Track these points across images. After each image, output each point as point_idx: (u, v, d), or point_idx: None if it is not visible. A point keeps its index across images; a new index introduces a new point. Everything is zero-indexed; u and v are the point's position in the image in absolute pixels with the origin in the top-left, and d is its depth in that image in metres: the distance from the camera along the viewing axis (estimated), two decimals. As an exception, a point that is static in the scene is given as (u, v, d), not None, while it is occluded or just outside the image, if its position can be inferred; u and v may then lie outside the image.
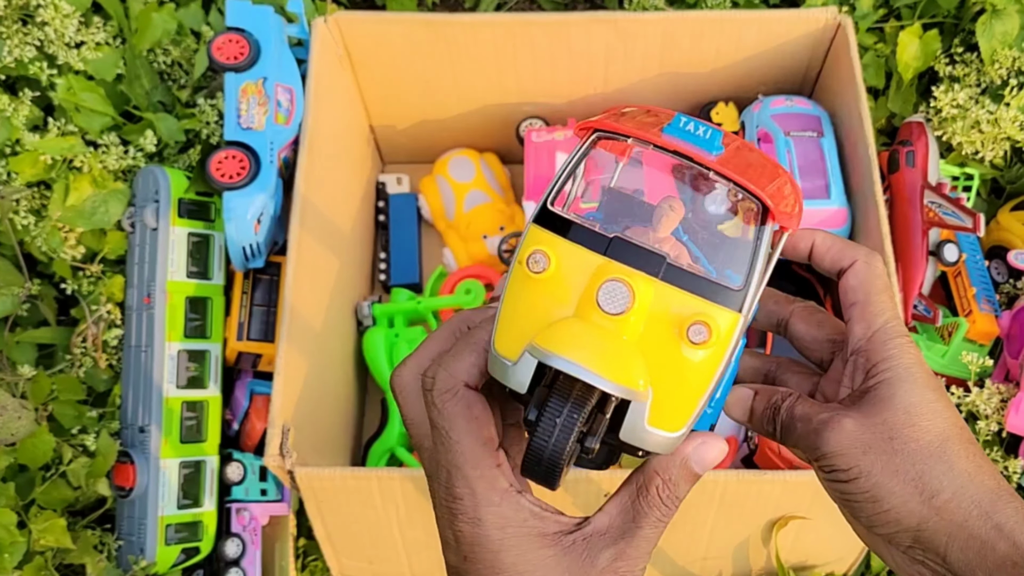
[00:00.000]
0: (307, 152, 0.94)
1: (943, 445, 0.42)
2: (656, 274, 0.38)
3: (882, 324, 0.45)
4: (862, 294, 0.46)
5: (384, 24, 1.02)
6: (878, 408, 0.43)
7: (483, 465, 0.41)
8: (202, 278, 0.99)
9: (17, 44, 1.01)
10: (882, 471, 0.42)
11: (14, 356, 0.96)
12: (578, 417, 0.37)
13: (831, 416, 0.44)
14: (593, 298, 0.38)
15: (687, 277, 0.38)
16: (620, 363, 0.37)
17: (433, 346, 0.45)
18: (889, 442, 0.42)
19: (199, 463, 0.96)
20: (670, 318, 0.38)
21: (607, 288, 0.38)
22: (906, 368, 0.44)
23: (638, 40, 1.02)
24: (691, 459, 0.42)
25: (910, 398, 0.43)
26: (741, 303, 0.38)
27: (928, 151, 1.01)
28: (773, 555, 0.92)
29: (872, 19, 1.08)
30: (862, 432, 0.43)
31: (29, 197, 0.98)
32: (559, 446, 0.37)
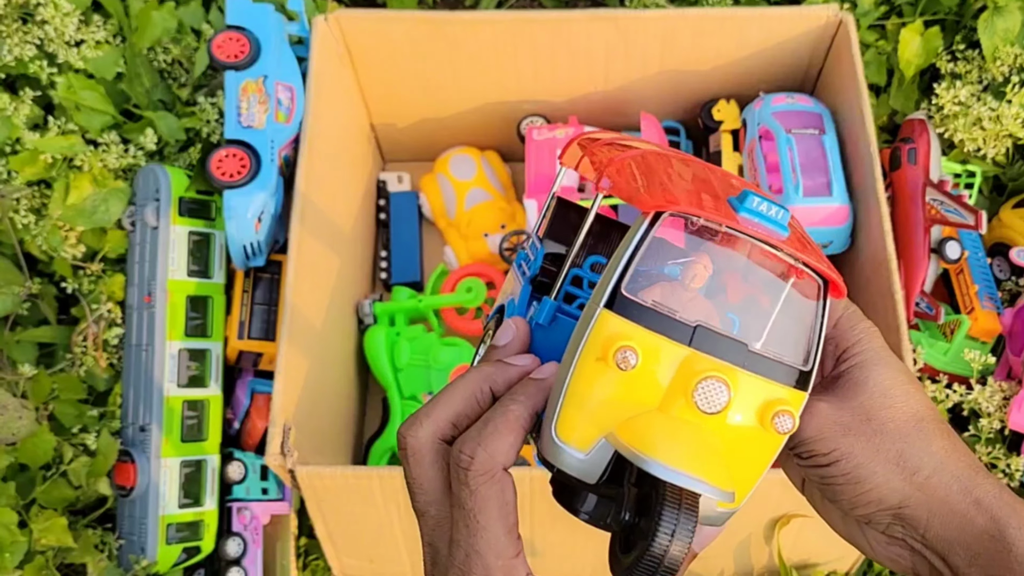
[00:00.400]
0: (308, 150, 0.94)
1: (919, 424, 0.43)
2: (741, 363, 0.38)
3: (843, 311, 0.46)
4: None
5: (385, 22, 1.02)
6: (853, 391, 0.43)
7: (506, 555, 0.40)
8: (203, 277, 0.98)
9: (17, 43, 1.01)
10: (863, 451, 0.42)
11: (14, 355, 0.95)
12: (693, 527, 0.37)
13: (806, 403, 0.43)
14: (689, 396, 0.37)
15: (766, 363, 0.38)
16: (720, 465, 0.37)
17: (450, 407, 0.42)
18: (867, 423, 0.43)
19: (200, 462, 0.95)
20: (755, 408, 0.38)
21: (705, 387, 0.37)
22: (876, 352, 0.44)
23: (639, 38, 1.02)
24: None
25: (884, 380, 0.43)
26: (809, 382, 0.39)
27: (930, 148, 1.00)
28: (775, 553, 0.92)
29: (873, 16, 1.08)
30: (840, 415, 0.43)
31: (29, 196, 0.98)
32: (675, 560, 0.36)
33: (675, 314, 0.37)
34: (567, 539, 0.91)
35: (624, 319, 0.37)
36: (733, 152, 1.04)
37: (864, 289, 0.94)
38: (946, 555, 0.42)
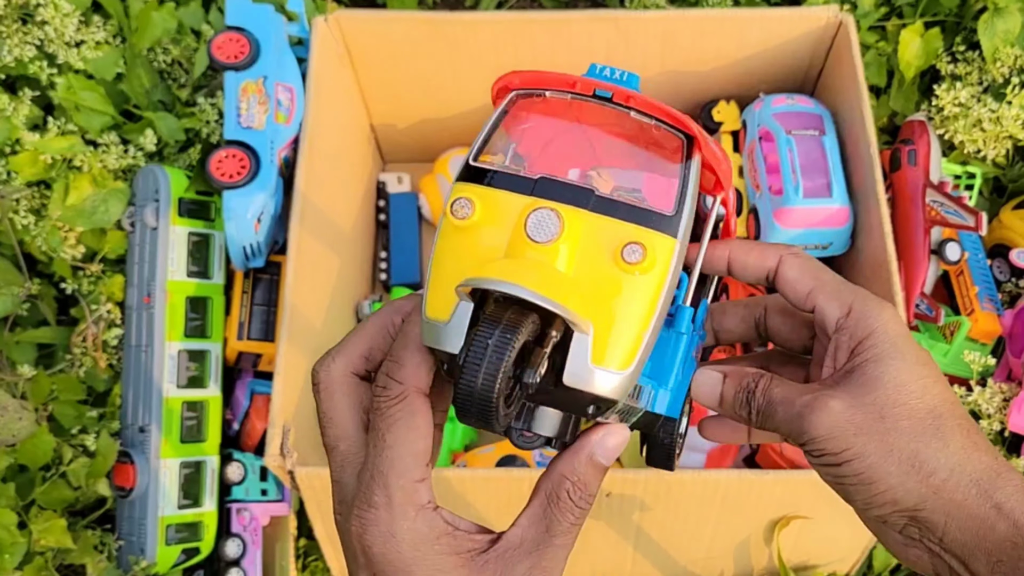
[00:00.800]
0: (307, 151, 0.93)
1: (936, 421, 0.41)
2: (586, 206, 0.37)
3: (855, 298, 0.44)
4: (810, 278, 0.45)
5: (385, 22, 1.02)
6: (866, 387, 0.42)
7: (408, 476, 0.39)
8: (202, 277, 0.98)
9: (17, 43, 1.00)
10: (876, 451, 0.41)
11: (14, 356, 0.95)
12: (511, 339, 0.34)
13: (815, 397, 0.42)
14: (522, 230, 0.37)
15: (619, 206, 0.37)
16: (556, 287, 0.35)
17: (362, 341, 0.43)
18: (880, 421, 0.41)
19: (199, 463, 0.95)
20: (604, 245, 0.37)
21: (535, 217, 0.37)
22: (892, 342, 0.42)
23: (639, 38, 1.02)
24: (596, 453, 0.41)
25: (899, 374, 0.42)
26: (676, 228, 0.37)
27: (930, 150, 1.00)
28: (775, 555, 0.92)
29: (874, 17, 1.08)
30: (851, 412, 0.41)
31: (29, 196, 0.98)
32: (491, 372, 0.33)
33: (517, 171, 0.38)
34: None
35: (471, 184, 0.38)
36: (733, 153, 1.04)
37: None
38: (966, 560, 0.41)
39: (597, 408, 0.38)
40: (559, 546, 0.41)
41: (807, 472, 0.79)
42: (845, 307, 0.44)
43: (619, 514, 0.86)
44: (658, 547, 0.92)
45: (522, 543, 0.40)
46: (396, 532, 0.39)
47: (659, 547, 0.92)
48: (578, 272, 0.37)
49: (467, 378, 0.34)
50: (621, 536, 0.90)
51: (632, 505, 0.85)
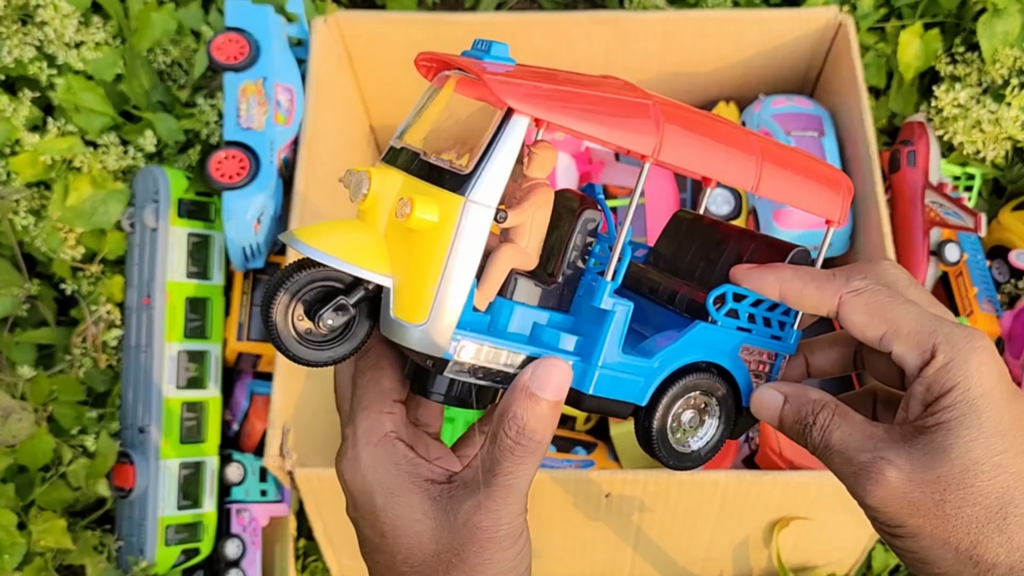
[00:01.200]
0: (307, 152, 0.93)
1: (1003, 510, 0.38)
2: (407, 169, 0.41)
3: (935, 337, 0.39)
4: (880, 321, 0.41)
5: (384, 24, 1.02)
6: (932, 458, 0.38)
7: (373, 408, 0.42)
8: (202, 278, 0.98)
9: (17, 44, 1.00)
10: (932, 535, 0.38)
11: (14, 357, 0.95)
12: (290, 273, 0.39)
13: (873, 461, 0.39)
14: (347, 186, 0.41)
15: (428, 168, 0.40)
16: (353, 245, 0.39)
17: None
18: (941, 505, 0.38)
19: (199, 464, 0.95)
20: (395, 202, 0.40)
21: (354, 179, 0.41)
22: (973, 404, 0.38)
23: (638, 40, 1.02)
24: (530, 385, 0.40)
25: (973, 450, 0.38)
26: (466, 186, 0.39)
27: (929, 151, 1.00)
28: (774, 556, 0.92)
29: (873, 18, 1.08)
30: (909, 488, 0.38)
31: (29, 197, 0.98)
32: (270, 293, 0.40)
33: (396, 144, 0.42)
34: (567, 541, 0.91)
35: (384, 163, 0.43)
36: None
37: (863, 291, 0.94)
38: None
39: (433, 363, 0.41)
40: (503, 486, 0.40)
41: (806, 473, 0.79)
42: (927, 353, 0.39)
43: (618, 515, 0.86)
44: (657, 548, 0.92)
45: (471, 481, 0.40)
46: (359, 457, 0.42)
47: (658, 548, 0.92)
48: (388, 231, 0.40)
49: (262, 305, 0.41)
50: (620, 537, 0.90)
51: (631, 506, 0.85)
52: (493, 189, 0.39)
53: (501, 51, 0.41)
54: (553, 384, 0.40)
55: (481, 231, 0.39)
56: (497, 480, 0.40)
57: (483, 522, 0.39)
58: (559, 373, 0.40)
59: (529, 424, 0.39)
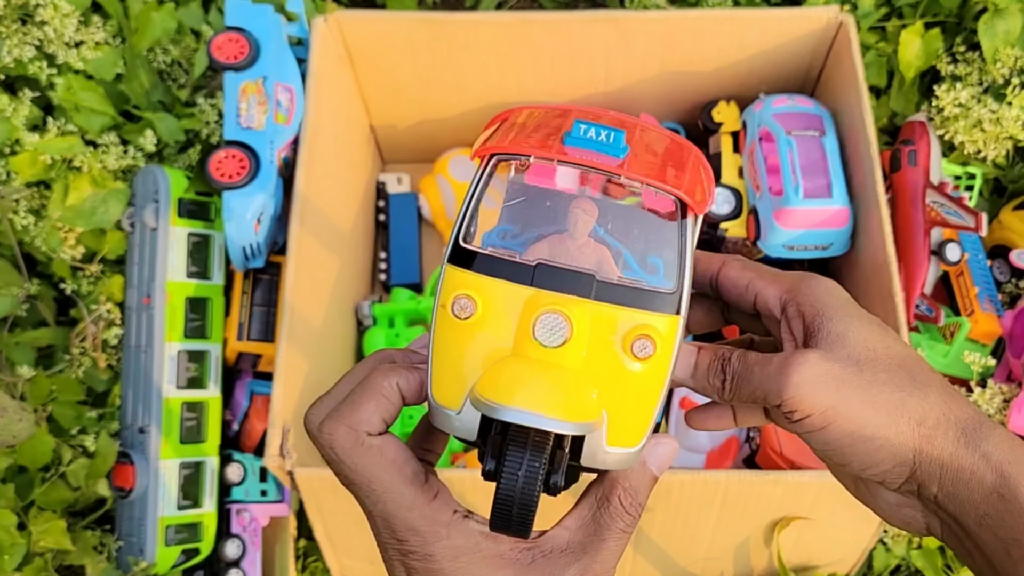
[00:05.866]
0: (307, 151, 0.93)
1: (911, 374, 0.41)
2: (588, 295, 0.37)
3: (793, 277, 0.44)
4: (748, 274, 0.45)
5: (384, 23, 1.01)
6: (836, 344, 0.41)
7: (418, 504, 0.40)
8: (202, 278, 0.98)
9: (16, 44, 1.00)
10: (862, 404, 0.40)
11: (13, 357, 0.95)
12: (539, 464, 0.36)
13: (790, 354, 0.41)
14: (530, 334, 0.37)
15: (620, 291, 0.37)
16: (570, 399, 0.36)
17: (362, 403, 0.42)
18: (860, 374, 0.40)
19: (199, 464, 0.95)
20: (612, 338, 0.37)
21: (543, 322, 0.37)
22: (843, 306, 0.42)
23: (639, 39, 1.02)
24: (649, 463, 0.41)
25: (864, 331, 0.41)
26: (678, 305, 0.38)
27: (930, 150, 1.00)
28: (775, 556, 0.92)
29: (874, 18, 1.08)
30: (829, 364, 0.40)
31: (29, 197, 0.98)
32: (527, 498, 0.36)
33: (515, 257, 0.38)
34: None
35: (466, 270, 0.38)
36: (733, 154, 1.04)
37: (864, 291, 0.94)
38: (958, 515, 0.40)
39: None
40: (610, 550, 0.41)
41: (807, 473, 0.79)
42: (783, 287, 0.44)
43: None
44: (658, 548, 0.92)
45: (570, 544, 0.41)
46: (433, 553, 0.40)
47: (659, 548, 0.92)
48: (588, 364, 0.37)
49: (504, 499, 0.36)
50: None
51: (632, 506, 0.84)
52: (687, 297, 0.38)
53: (620, 140, 0.38)
54: (667, 462, 0.42)
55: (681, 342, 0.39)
56: (605, 544, 0.41)
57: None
58: (672, 452, 0.42)
59: (642, 496, 0.41)
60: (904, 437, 0.40)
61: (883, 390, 0.40)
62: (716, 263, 0.46)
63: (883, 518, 0.44)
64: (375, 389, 0.40)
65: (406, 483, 0.40)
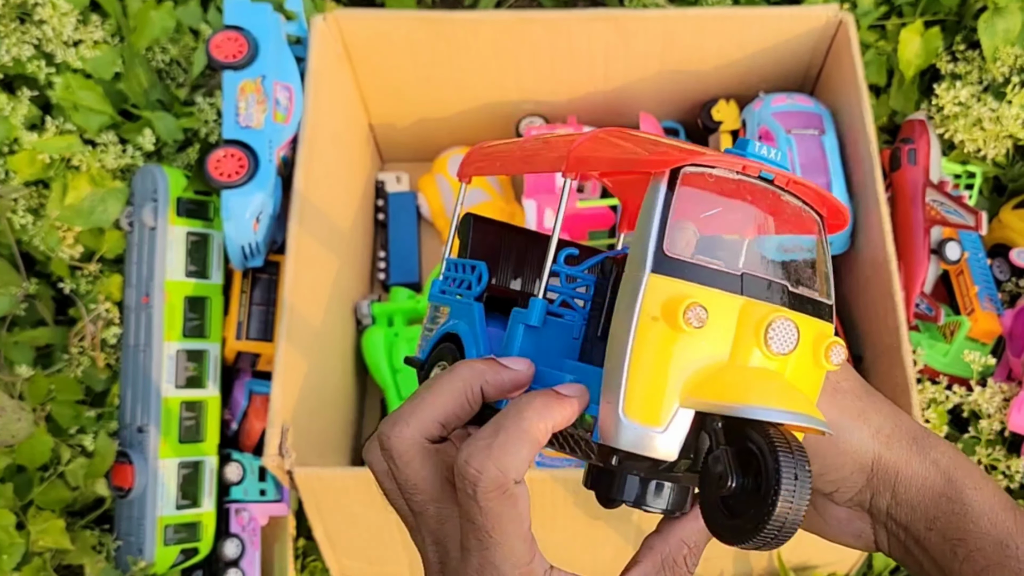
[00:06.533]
0: (306, 150, 0.93)
1: (867, 389, 0.44)
2: (787, 304, 0.38)
3: None
4: None
5: (383, 22, 1.01)
6: None
7: (522, 563, 0.38)
8: (201, 277, 0.98)
9: (15, 43, 1.00)
10: (828, 407, 0.43)
11: (12, 356, 0.95)
12: (811, 475, 0.34)
13: None
14: (761, 340, 0.37)
15: (808, 302, 0.39)
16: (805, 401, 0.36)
17: (438, 406, 0.40)
18: (826, 381, 0.42)
19: (198, 463, 0.95)
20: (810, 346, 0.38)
21: (776, 328, 0.37)
22: None
23: (639, 38, 1.02)
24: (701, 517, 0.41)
25: None
26: (833, 315, 0.40)
27: (930, 149, 1.00)
28: (775, 555, 0.92)
29: (873, 16, 1.08)
30: None
31: (27, 196, 0.98)
32: (801, 508, 0.34)
33: (720, 265, 0.37)
34: (568, 540, 0.91)
35: (674, 279, 0.36)
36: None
37: (864, 290, 0.94)
38: (908, 523, 0.43)
39: None
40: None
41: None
42: None
43: (619, 514, 0.86)
44: (658, 547, 0.92)
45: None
46: None
47: (659, 547, 0.92)
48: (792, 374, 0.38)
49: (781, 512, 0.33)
50: (622, 537, 0.90)
51: (632, 505, 0.84)
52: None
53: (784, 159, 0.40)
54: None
55: None
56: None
57: None
58: None
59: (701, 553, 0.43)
60: (865, 443, 0.43)
61: (846, 396, 0.44)
62: None
63: (830, 537, 0.46)
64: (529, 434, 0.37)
65: (522, 539, 0.38)
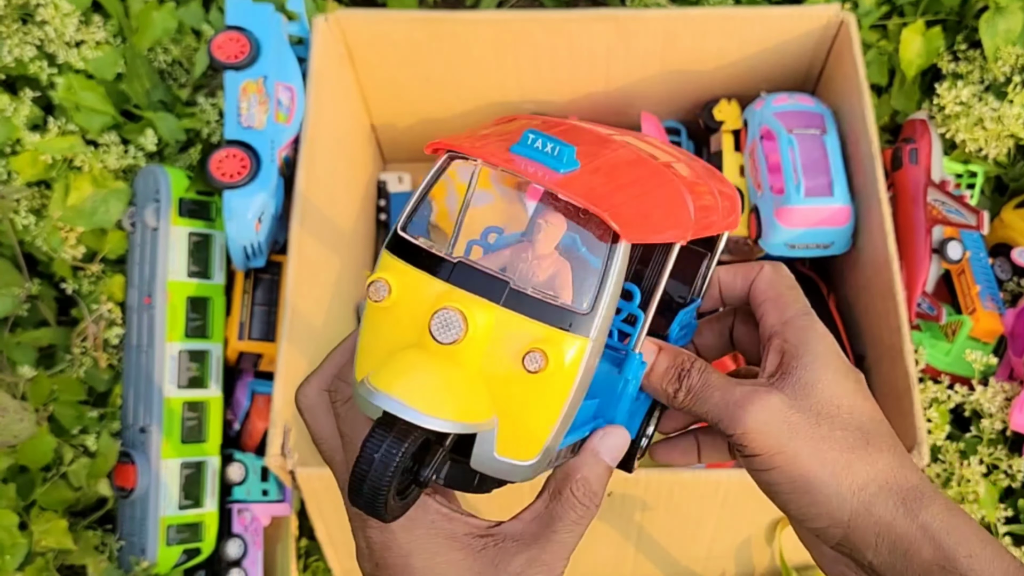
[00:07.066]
0: (308, 151, 0.93)
1: (866, 437, 0.42)
2: (497, 300, 0.37)
3: (796, 312, 0.44)
4: (772, 291, 0.46)
5: (385, 22, 1.01)
6: (802, 391, 0.42)
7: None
8: (203, 278, 0.98)
9: (17, 43, 1.00)
10: (810, 457, 0.41)
11: (14, 357, 0.95)
12: (398, 452, 0.35)
13: (754, 390, 0.42)
14: (426, 326, 0.37)
15: (530, 302, 0.37)
16: (450, 396, 0.36)
17: (333, 362, 0.45)
18: (816, 427, 0.41)
19: (200, 463, 0.95)
20: (510, 345, 0.37)
21: (440, 317, 0.37)
22: (824, 355, 0.43)
23: (640, 38, 1.02)
24: (601, 454, 0.42)
25: (834, 386, 0.42)
26: (589, 327, 0.37)
27: (931, 148, 1.00)
28: (776, 555, 0.92)
29: (875, 16, 1.08)
30: (789, 412, 0.41)
31: (29, 197, 0.98)
32: (377, 479, 0.36)
33: (442, 252, 0.38)
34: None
35: (397, 258, 0.39)
36: (734, 152, 1.04)
37: (865, 290, 0.94)
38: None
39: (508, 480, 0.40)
40: (560, 542, 0.41)
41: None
42: (783, 317, 0.44)
43: (620, 514, 0.86)
44: (659, 547, 0.92)
45: (522, 535, 0.41)
46: (392, 525, 0.40)
47: (660, 547, 0.92)
48: (485, 367, 0.37)
49: (357, 476, 0.36)
50: (623, 536, 0.90)
51: (633, 505, 0.84)
52: (607, 322, 0.37)
53: (571, 156, 0.38)
54: (618, 452, 0.43)
55: (595, 365, 0.38)
56: (556, 536, 0.41)
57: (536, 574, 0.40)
58: (623, 442, 0.43)
59: (595, 487, 0.42)
60: (843, 499, 0.41)
61: (834, 447, 0.41)
62: (754, 272, 0.47)
63: (823, 568, 0.46)
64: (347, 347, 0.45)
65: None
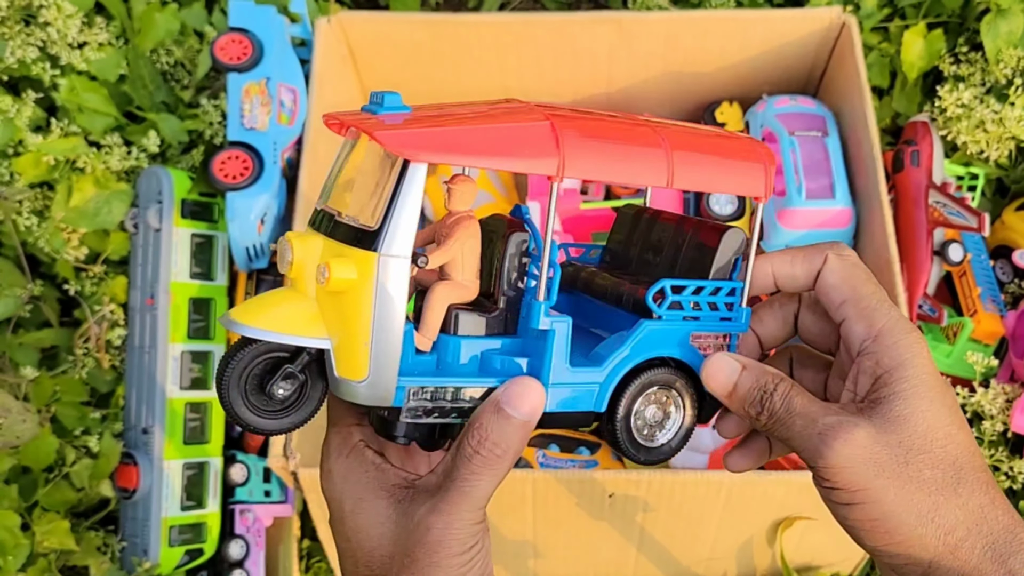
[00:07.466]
0: (310, 152, 0.94)
1: (958, 475, 0.39)
2: (326, 232, 0.42)
3: (887, 322, 0.41)
4: (849, 290, 0.43)
5: (387, 24, 1.02)
6: (893, 424, 0.39)
7: (343, 423, 0.44)
8: (205, 279, 0.98)
9: (20, 45, 1.00)
10: (895, 498, 0.39)
11: (17, 358, 0.95)
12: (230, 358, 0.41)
13: (839, 422, 0.40)
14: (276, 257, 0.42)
15: (343, 229, 0.41)
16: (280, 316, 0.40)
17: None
18: (904, 466, 0.39)
19: (203, 464, 0.95)
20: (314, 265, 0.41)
21: (280, 249, 0.42)
22: (923, 379, 0.40)
23: (642, 40, 1.02)
24: (500, 401, 0.41)
25: (928, 420, 0.39)
26: (377, 242, 0.39)
27: (933, 151, 1.00)
28: (778, 556, 0.92)
29: (876, 19, 1.08)
30: (876, 449, 0.39)
31: (32, 198, 0.98)
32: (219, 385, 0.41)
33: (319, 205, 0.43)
34: (571, 541, 0.91)
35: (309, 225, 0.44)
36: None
37: (867, 291, 0.94)
38: None
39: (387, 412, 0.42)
40: (459, 491, 0.41)
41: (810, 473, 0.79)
42: (873, 330, 0.42)
43: (622, 515, 0.86)
44: (661, 548, 0.92)
45: (431, 486, 0.42)
46: (332, 468, 0.44)
47: (662, 548, 0.92)
48: (318, 295, 0.41)
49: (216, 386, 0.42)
50: (624, 536, 0.90)
51: (635, 506, 0.85)
52: (404, 239, 0.40)
53: (394, 101, 0.41)
54: (526, 403, 0.41)
55: (400, 281, 0.40)
56: (454, 485, 0.41)
57: (435, 524, 0.40)
58: (531, 393, 0.42)
59: (492, 436, 0.41)
60: (926, 543, 0.39)
61: (922, 488, 0.39)
62: (819, 258, 0.44)
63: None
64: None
65: (345, 404, 0.44)
